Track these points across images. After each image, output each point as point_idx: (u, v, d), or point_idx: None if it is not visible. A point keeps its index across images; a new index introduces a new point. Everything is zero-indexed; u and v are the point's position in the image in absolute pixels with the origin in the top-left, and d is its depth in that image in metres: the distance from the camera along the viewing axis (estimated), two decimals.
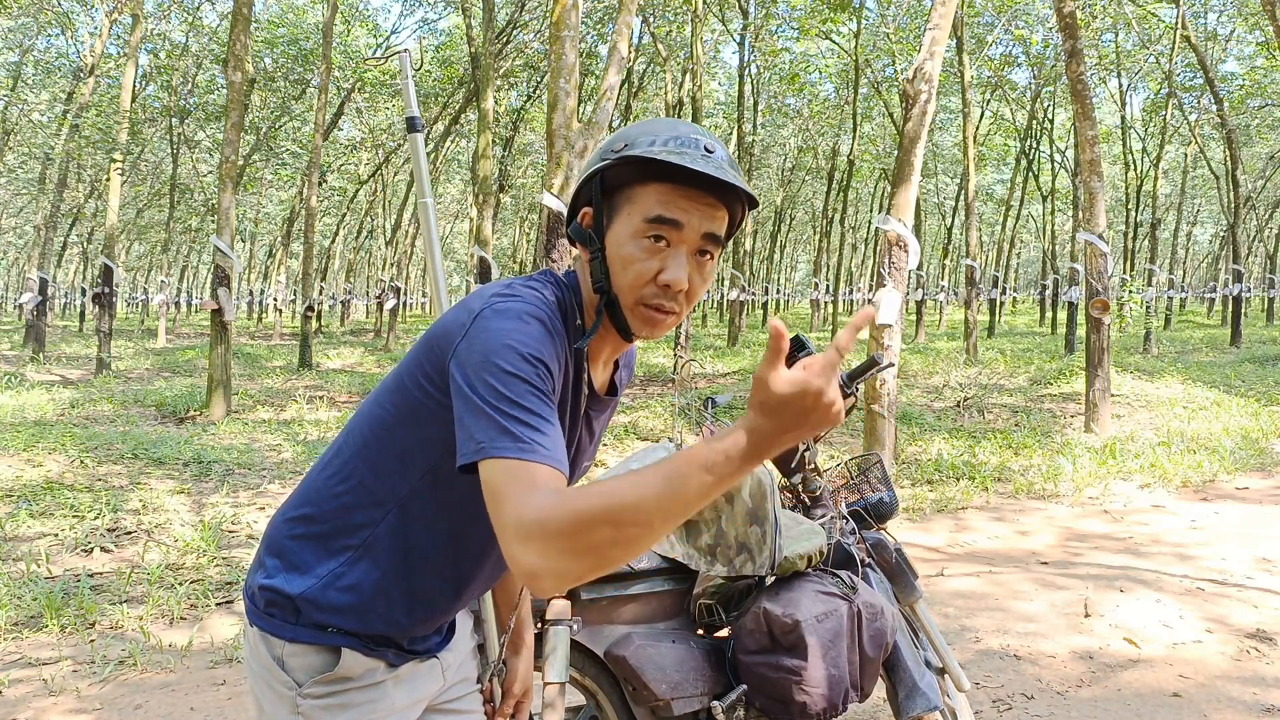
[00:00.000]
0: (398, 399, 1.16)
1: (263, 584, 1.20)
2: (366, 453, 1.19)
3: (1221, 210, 25.95)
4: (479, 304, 1.10)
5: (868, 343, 6.30)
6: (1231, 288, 16.93)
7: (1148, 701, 2.97)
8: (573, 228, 1.18)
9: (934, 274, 30.21)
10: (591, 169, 1.15)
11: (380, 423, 1.18)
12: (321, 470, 1.23)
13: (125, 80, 13.41)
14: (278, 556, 1.21)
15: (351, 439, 1.21)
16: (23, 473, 5.58)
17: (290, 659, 1.18)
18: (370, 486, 1.18)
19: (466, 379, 1.03)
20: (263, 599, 1.20)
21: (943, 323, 26.63)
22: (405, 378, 1.16)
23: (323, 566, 1.19)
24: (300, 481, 1.27)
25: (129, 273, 39.11)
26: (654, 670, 1.88)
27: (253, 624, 1.21)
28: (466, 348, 1.05)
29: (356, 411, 1.25)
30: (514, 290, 1.12)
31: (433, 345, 1.12)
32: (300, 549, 1.20)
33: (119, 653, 3.34)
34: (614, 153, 1.12)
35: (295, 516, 1.22)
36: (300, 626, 1.18)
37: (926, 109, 5.85)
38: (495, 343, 1.03)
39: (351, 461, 1.20)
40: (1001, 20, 16.56)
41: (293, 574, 1.19)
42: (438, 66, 19.94)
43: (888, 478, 2.45)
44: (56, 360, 14.80)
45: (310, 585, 1.18)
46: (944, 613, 3.78)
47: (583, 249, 1.17)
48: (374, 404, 1.21)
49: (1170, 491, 6.07)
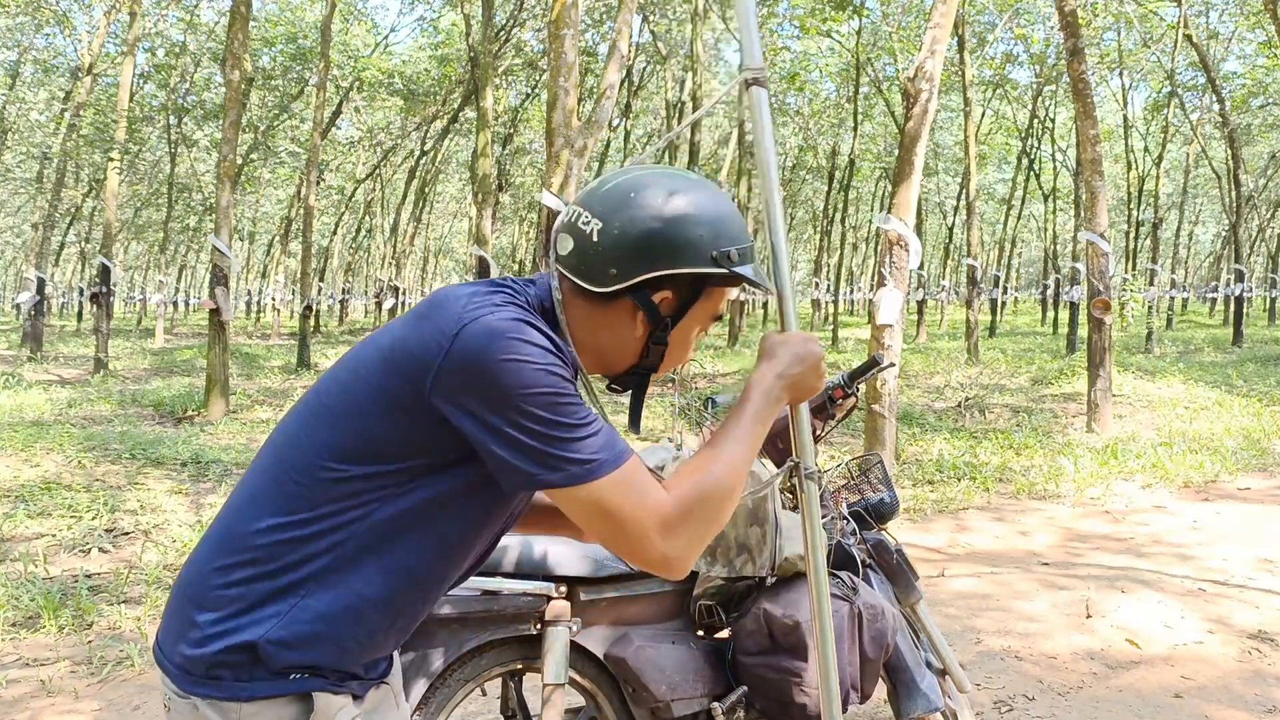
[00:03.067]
0: (356, 423, 1.08)
1: (201, 648, 1.06)
2: (315, 477, 1.08)
3: (1223, 210, 25.93)
4: (457, 324, 1.05)
5: (869, 342, 6.29)
6: (1233, 287, 16.92)
7: (1149, 702, 2.96)
8: (646, 305, 1.16)
9: (935, 273, 30.21)
10: (699, 269, 1.14)
11: (330, 447, 1.09)
12: (252, 508, 1.11)
13: (123, 79, 13.40)
14: (216, 609, 1.07)
15: (290, 468, 1.10)
16: (20, 473, 5.57)
17: (254, 718, 1.06)
18: (329, 511, 1.08)
19: (512, 414, 1.02)
20: (203, 664, 1.06)
21: (944, 322, 26.62)
22: (363, 399, 1.08)
23: (280, 603, 1.07)
24: (215, 526, 1.14)
25: (127, 272, 39.10)
26: (654, 671, 1.86)
27: (189, 695, 1.07)
28: (483, 381, 1.02)
29: (280, 440, 1.14)
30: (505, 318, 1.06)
31: (399, 368, 1.07)
32: (245, 593, 1.07)
33: (117, 653, 3.33)
34: (726, 262, 1.15)
35: (230, 564, 1.09)
36: (257, 681, 1.06)
37: (928, 108, 5.83)
38: (524, 378, 1.03)
39: (300, 490, 1.09)
40: (1003, 19, 16.54)
41: (243, 620, 1.06)
42: (436, 65, 19.93)
43: (888, 478, 2.43)
44: (54, 360, 14.79)
45: (270, 627, 1.06)
46: (945, 614, 3.76)
47: (644, 326, 1.18)
48: (313, 429, 1.11)
49: (1172, 492, 6.06)
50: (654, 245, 1.13)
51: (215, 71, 19.18)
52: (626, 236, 1.12)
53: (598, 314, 1.17)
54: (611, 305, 1.16)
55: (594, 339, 1.19)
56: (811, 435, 1.31)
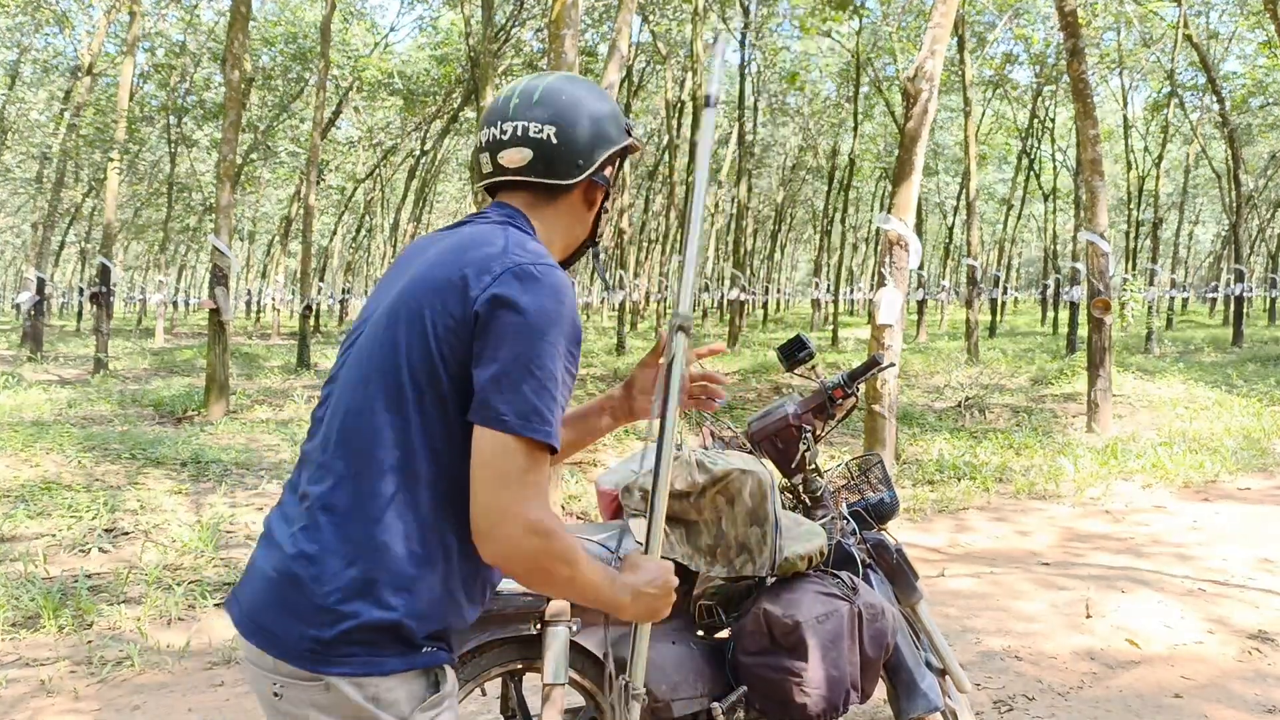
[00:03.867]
0: (428, 366, 1.15)
1: (333, 627, 1.09)
2: (407, 440, 1.13)
3: (1223, 209, 25.94)
4: (528, 260, 1.18)
5: (869, 342, 6.29)
6: (1233, 287, 16.92)
7: (1149, 702, 2.96)
8: (605, 178, 1.37)
9: (935, 273, 30.21)
10: (622, 145, 1.38)
11: (411, 406, 1.14)
12: (351, 484, 1.14)
13: (123, 79, 13.39)
14: (345, 587, 1.11)
15: (370, 435, 1.14)
16: (20, 473, 5.57)
17: (388, 694, 1.11)
18: (425, 474, 1.14)
19: (519, 348, 1.12)
20: (337, 643, 1.09)
21: (944, 322, 26.61)
22: (428, 343, 1.15)
23: (411, 581, 1.12)
24: (311, 511, 1.16)
25: (127, 272, 39.11)
26: (654, 671, 1.86)
27: (320, 675, 1.09)
28: (525, 319, 1.12)
29: (349, 413, 1.17)
30: (543, 263, 1.19)
31: (459, 290, 1.16)
32: (374, 568, 1.11)
33: (116, 653, 3.33)
34: (630, 134, 1.41)
35: (359, 543, 1.12)
36: (393, 656, 1.11)
37: (928, 108, 5.83)
38: (550, 332, 1.14)
39: (399, 462, 1.13)
40: (1003, 19, 16.55)
41: (377, 596, 1.10)
42: (435, 65, 19.92)
43: (888, 478, 2.43)
44: (54, 360, 14.79)
45: (405, 602, 1.11)
46: (945, 613, 3.76)
47: (597, 201, 1.39)
48: (382, 376, 1.16)
49: (1172, 492, 6.06)
50: (602, 131, 1.34)
51: (215, 71, 19.18)
52: (582, 130, 1.32)
53: (561, 207, 1.35)
54: (568, 195, 1.35)
55: (563, 232, 1.37)
56: (645, 649, 1.45)
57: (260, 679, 1.15)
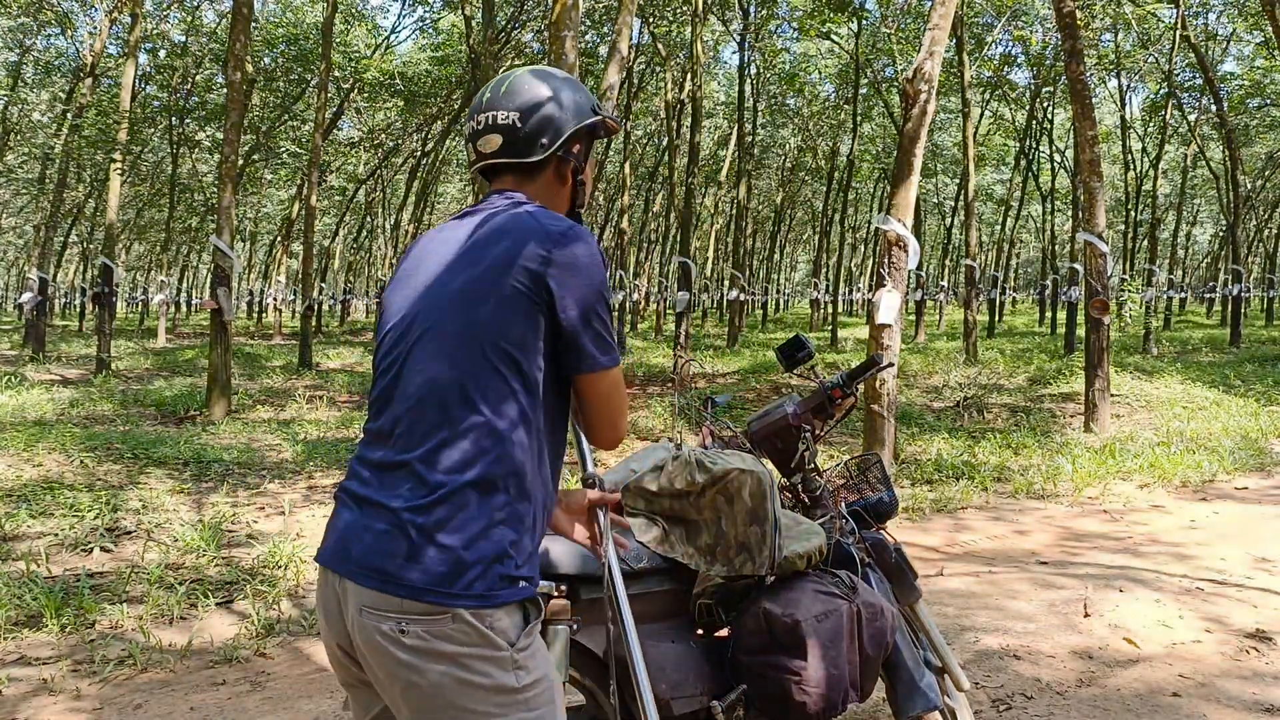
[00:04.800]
0: (514, 333, 1.33)
1: (456, 564, 1.25)
2: (496, 390, 1.31)
3: (1221, 210, 25.95)
4: (566, 226, 1.40)
5: (868, 343, 6.31)
6: (1231, 288, 16.93)
7: (1147, 701, 2.97)
8: (571, 155, 1.54)
9: (934, 274, 30.22)
10: (590, 120, 1.55)
11: (500, 358, 1.32)
12: (453, 443, 1.30)
13: (125, 80, 13.40)
14: (462, 528, 1.27)
15: (463, 387, 1.31)
16: (22, 472, 5.58)
17: (498, 622, 1.27)
18: (515, 420, 1.32)
19: (591, 300, 1.37)
20: (464, 579, 1.25)
21: (942, 323, 26.62)
22: (509, 313, 1.33)
23: (516, 524, 1.31)
24: (392, 455, 1.32)
25: (129, 272, 39.11)
26: (653, 670, 1.87)
27: (446, 608, 1.25)
28: (582, 279, 1.36)
29: (436, 385, 1.32)
30: (580, 229, 1.42)
31: (522, 266, 1.35)
32: (483, 509, 1.28)
33: (118, 652, 3.34)
34: (599, 111, 1.57)
35: (460, 484, 1.28)
36: (503, 589, 1.28)
37: (926, 109, 5.85)
38: (600, 278, 1.39)
39: (490, 408, 1.30)
40: (1001, 20, 16.57)
41: (497, 539, 1.28)
42: (436, 65, 19.93)
43: (887, 478, 2.45)
44: (56, 360, 14.80)
45: (512, 543, 1.29)
46: (943, 613, 3.77)
47: (568, 174, 1.56)
48: (470, 348, 1.32)
49: (1169, 491, 6.07)
50: (563, 113, 1.52)
51: (217, 72, 19.19)
52: (544, 114, 1.50)
53: (539, 184, 1.53)
54: (544, 173, 1.53)
55: (547, 200, 1.54)
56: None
57: (381, 620, 1.27)
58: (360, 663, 1.34)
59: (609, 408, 1.44)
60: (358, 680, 1.38)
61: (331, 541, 1.36)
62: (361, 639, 1.29)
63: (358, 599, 1.29)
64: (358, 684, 1.39)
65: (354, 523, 1.33)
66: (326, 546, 1.36)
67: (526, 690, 1.30)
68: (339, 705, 2.95)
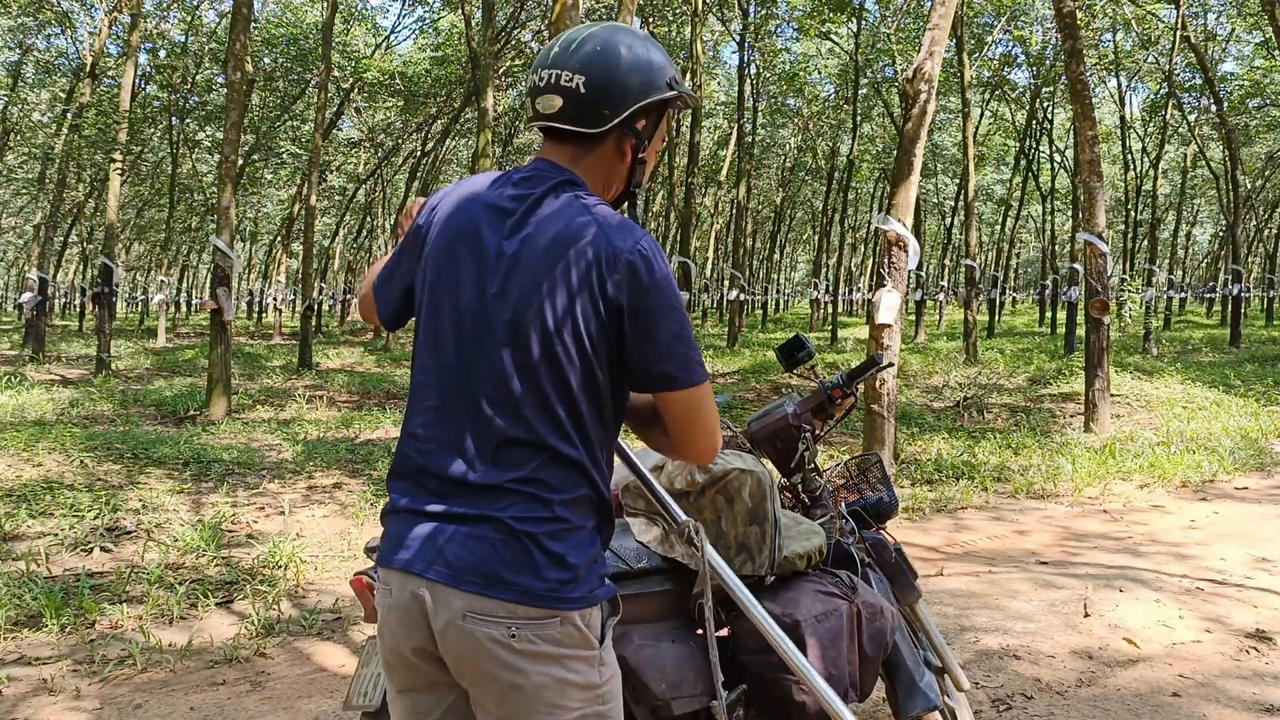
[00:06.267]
0: (585, 347, 1.29)
1: (563, 567, 1.27)
2: (574, 394, 1.30)
3: (1221, 210, 25.96)
4: (631, 244, 1.30)
5: (867, 342, 6.31)
6: (1231, 288, 16.94)
7: (1147, 701, 2.97)
8: (634, 132, 1.41)
9: (934, 274, 30.23)
10: (659, 98, 1.41)
11: (575, 367, 1.29)
12: (537, 449, 1.28)
13: (125, 80, 13.41)
14: (562, 536, 1.29)
15: (542, 401, 1.29)
16: (22, 472, 5.58)
17: (593, 619, 1.30)
18: (600, 439, 1.34)
19: (672, 319, 1.31)
20: (570, 581, 1.27)
21: (942, 323, 26.63)
22: (580, 320, 1.28)
23: (598, 526, 1.35)
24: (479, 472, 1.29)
25: (129, 272, 39.10)
26: (653, 670, 1.88)
27: (558, 610, 1.27)
28: (662, 295, 1.30)
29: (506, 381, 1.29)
30: (647, 241, 1.34)
31: (599, 291, 1.29)
32: (574, 513, 1.30)
33: (118, 652, 3.34)
34: (677, 85, 1.44)
35: (566, 500, 1.29)
36: (596, 589, 1.31)
37: (926, 109, 5.85)
38: (676, 297, 1.34)
39: (573, 414, 1.30)
40: (1001, 20, 16.57)
41: (577, 538, 1.30)
42: (436, 65, 19.93)
43: (887, 478, 2.45)
44: (56, 360, 14.80)
45: (599, 545, 1.34)
46: (943, 612, 3.78)
47: (629, 151, 1.43)
48: (545, 359, 1.29)
49: (1169, 491, 6.08)
50: (631, 85, 1.38)
51: (217, 72, 19.19)
52: (612, 81, 1.36)
53: (598, 157, 1.41)
54: (603, 145, 1.40)
55: (601, 183, 1.43)
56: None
57: (488, 625, 1.26)
58: (442, 666, 1.31)
59: (707, 419, 1.38)
60: (426, 684, 1.34)
61: (416, 547, 1.30)
62: (459, 643, 1.26)
63: (458, 603, 1.26)
64: (424, 688, 1.35)
65: (442, 529, 1.30)
66: (405, 552, 1.31)
67: (605, 685, 1.33)
68: (339, 705, 2.95)
